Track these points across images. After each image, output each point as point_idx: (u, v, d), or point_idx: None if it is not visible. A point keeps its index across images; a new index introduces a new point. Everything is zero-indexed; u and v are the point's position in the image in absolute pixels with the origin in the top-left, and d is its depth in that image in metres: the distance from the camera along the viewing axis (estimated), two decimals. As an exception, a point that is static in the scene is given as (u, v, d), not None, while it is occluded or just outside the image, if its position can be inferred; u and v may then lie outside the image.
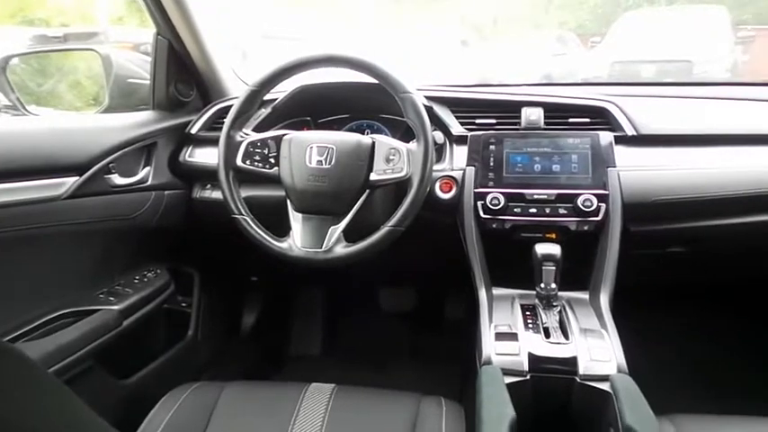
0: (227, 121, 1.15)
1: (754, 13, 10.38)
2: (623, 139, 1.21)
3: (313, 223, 1.11)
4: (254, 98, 1.16)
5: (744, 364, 1.64)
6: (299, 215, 1.12)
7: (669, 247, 1.27)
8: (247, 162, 1.14)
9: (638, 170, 1.18)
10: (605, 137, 1.19)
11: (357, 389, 1.09)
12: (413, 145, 1.09)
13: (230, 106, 1.18)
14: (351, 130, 1.40)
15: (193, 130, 1.42)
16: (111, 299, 1.24)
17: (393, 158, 1.08)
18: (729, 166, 1.20)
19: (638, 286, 1.32)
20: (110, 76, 1.55)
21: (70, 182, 1.16)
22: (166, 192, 1.38)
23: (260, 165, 1.14)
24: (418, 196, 1.06)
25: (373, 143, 1.10)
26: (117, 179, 1.26)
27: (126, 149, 1.28)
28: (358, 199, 1.10)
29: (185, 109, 1.47)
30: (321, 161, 1.09)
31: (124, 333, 1.22)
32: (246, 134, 1.17)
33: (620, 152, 1.19)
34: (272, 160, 1.14)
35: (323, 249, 1.08)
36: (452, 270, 1.29)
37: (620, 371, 0.94)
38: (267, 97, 1.28)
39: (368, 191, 1.10)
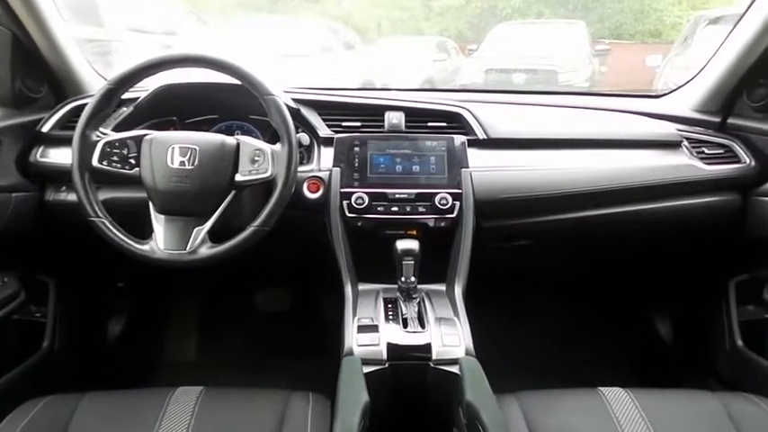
0: (82, 119, 1.10)
1: (610, 28, 11.55)
2: (475, 142, 1.32)
3: (177, 225, 1.09)
4: (111, 96, 1.11)
5: (580, 343, 1.85)
6: (162, 217, 1.10)
7: (516, 240, 1.40)
8: (104, 163, 1.09)
9: (488, 171, 1.29)
10: (459, 140, 1.29)
11: (225, 390, 1.09)
12: (278, 146, 1.10)
13: (86, 104, 1.12)
14: (220, 131, 1.39)
15: (45, 129, 1.33)
16: None
17: (258, 159, 1.09)
18: (568, 167, 1.35)
19: (490, 276, 1.44)
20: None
21: None
22: (14, 194, 1.28)
23: (118, 166, 1.10)
24: (283, 196, 1.08)
25: (238, 144, 1.11)
26: (-47, 181, 1.15)
27: None
28: (223, 200, 1.09)
29: (35, 106, 1.37)
30: (184, 162, 1.07)
31: None
32: (104, 133, 1.12)
33: (473, 154, 1.30)
34: (133, 161, 1.10)
35: (187, 251, 1.07)
36: (325, 268, 1.33)
37: (467, 354, 1.03)
38: (130, 95, 1.24)
39: (234, 191, 1.10)
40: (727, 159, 1.39)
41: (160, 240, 1.08)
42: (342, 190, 1.24)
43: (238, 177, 1.09)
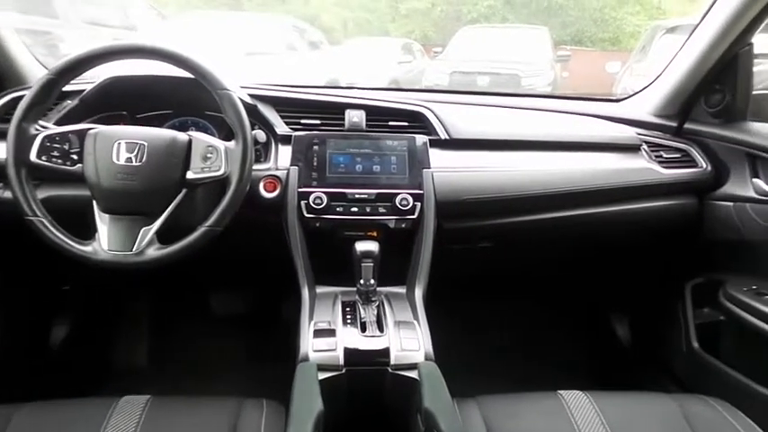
0: (18, 111, 1.03)
1: (572, 35, 11.83)
2: (437, 143, 1.30)
3: (122, 224, 1.03)
4: (52, 87, 1.05)
5: (541, 345, 1.85)
6: (107, 216, 1.04)
7: (478, 242, 1.39)
8: (44, 158, 1.03)
9: (450, 171, 1.27)
10: (420, 140, 1.27)
11: (175, 398, 1.04)
12: (232, 143, 1.06)
13: (24, 95, 1.05)
14: (173, 127, 1.33)
15: None
16: None
17: (210, 156, 1.05)
18: (530, 168, 1.34)
19: (452, 279, 1.42)
20: None
21: None
22: None
23: (59, 161, 1.03)
24: (237, 195, 1.04)
25: (190, 140, 1.06)
26: None
27: None
28: (173, 198, 1.04)
29: None
30: (131, 158, 1.02)
31: None
32: (44, 127, 1.05)
33: (435, 154, 1.27)
34: (75, 156, 1.04)
35: (133, 252, 1.02)
36: (283, 270, 1.29)
37: (427, 358, 1.00)
38: (76, 88, 1.18)
39: (185, 190, 1.06)
40: (684, 163, 1.41)
41: (104, 241, 1.02)
42: (299, 189, 1.20)
43: (190, 175, 1.05)
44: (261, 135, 1.26)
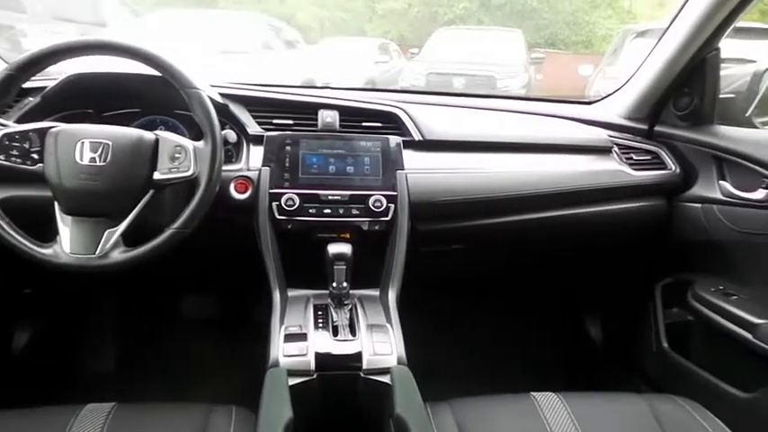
0: None
1: (546, 38, 12.00)
2: (411, 144, 1.29)
3: (85, 226, 1.00)
4: (10, 84, 1.01)
5: (514, 347, 1.85)
6: (69, 218, 1.00)
7: (452, 244, 1.38)
8: (2, 157, 0.99)
9: (424, 173, 1.26)
10: (394, 140, 1.26)
11: (140, 405, 1.02)
12: (201, 143, 1.04)
13: None
14: (141, 126, 1.29)
15: None
16: None
17: (179, 156, 1.03)
18: (504, 170, 1.34)
19: (426, 281, 1.41)
20: None
21: None
22: None
23: (18, 161, 0.99)
24: (206, 196, 1.02)
25: (157, 140, 1.03)
26: None
27: None
28: (140, 199, 1.02)
29: None
30: (95, 158, 0.99)
31: None
32: (3, 125, 1.01)
33: (408, 155, 1.27)
34: (36, 156, 1.00)
35: (97, 255, 0.98)
36: (255, 272, 1.27)
37: (400, 362, 0.99)
38: (39, 84, 1.14)
39: (152, 191, 1.03)
40: (654, 165, 1.43)
41: (66, 244, 0.99)
42: (271, 191, 1.18)
43: (157, 176, 1.02)
44: (231, 135, 1.23)
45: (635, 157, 1.43)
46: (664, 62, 1.39)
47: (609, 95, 1.60)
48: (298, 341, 1.01)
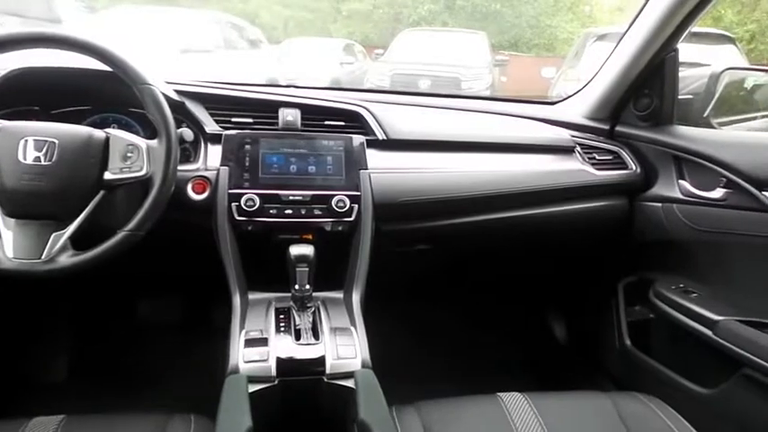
0: None
1: (509, 41, 12.19)
2: (374, 143, 1.27)
3: (30, 230, 0.94)
4: None
5: (480, 347, 1.85)
6: (12, 221, 0.95)
7: (416, 244, 1.37)
8: None
9: (388, 172, 1.24)
10: (357, 140, 1.23)
11: (92, 417, 0.97)
12: (154, 142, 1.00)
13: None
14: (93, 124, 1.23)
15: None
16: None
17: (131, 156, 0.98)
18: (469, 170, 1.33)
19: (390, 282, 1.40)
20: None
21: None
22: None
23: None
24: (160, 197, 0.98)
25: (107, 138, 0.98)
26: None
27: None
28: (89, 201, 0.96)
29: None
30: (39, 157, 0.93)
31: None
32: None
33: (372, 155, 1.24)
34: None
35: (42, 259, 0.93)
36: (214, 275, 1.22)
37: (364, 366, 0.97)
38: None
39: (103, 192, 0.98)
40: (616, 165, 1.45)
41: (8, 248, 0.93)
42: (230, 191, 1.14)
43: (108, 176, 0.97)
44: (188, 133, 1.19)
45: (597, 157, 1.44)
46: (624, 63, 1.40)
47: (571, 96, 1.62)
48: (258, 346, 0.97)
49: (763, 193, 1.17)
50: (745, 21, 9.88)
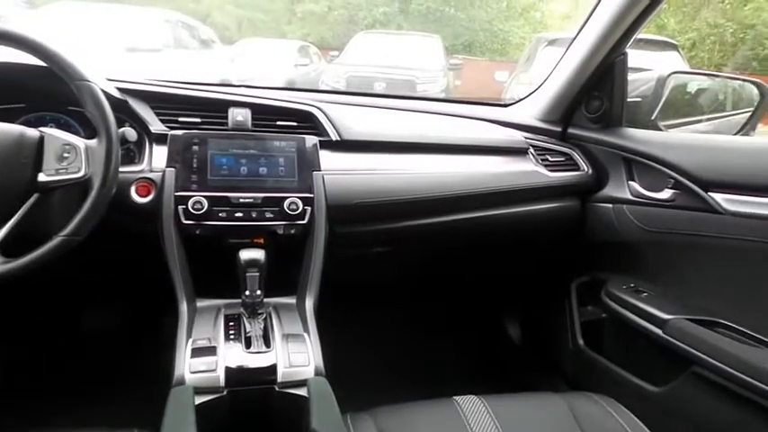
0: None
1: (463, 45, 12.36)
2: (328, 144, 1.24)
3: None
4: None
5: (436, 351, 1.85)
6: None
7: (372, 247, 1.35)
8: None
9: (342, 174, 1.22)
10: (310, 141, 1.20)
11: None
12: (94, 142, 0.94)
13: None
14: (28, 123, 1.16)
15: None
16: None
17: (68, 156, 0.92)
18: (423, 171, 1.32)
19: (345, 287, 1.37)
20: None
21: None
22: None
23: None
24: (100, 200, 0.92)
25: (42, 138, 0.92)
26: None
27: None
28: (21, 204, 0.90)
29: None
30: None
31: None
32: None
33: (326, 156, 1.21)
34: None
35: None
36: (161, 280, 1.17)
37: (317, 374, 0.94)
38: None
39: (37, 194, 0.92)
40: (568, 167, 1.47)
41: None
42: (176, 194, 1.09)
43: (42, 177, 0.91)
44: (131, 133, 1.13)
45: (550, 159, 1.46)
46: (575, 66, 1.42)
47: (525, 98, 1.63)
48: (206, 355, 0.93)
49: (709, 193, 1.20)
50: (686, 29, 10.36)
